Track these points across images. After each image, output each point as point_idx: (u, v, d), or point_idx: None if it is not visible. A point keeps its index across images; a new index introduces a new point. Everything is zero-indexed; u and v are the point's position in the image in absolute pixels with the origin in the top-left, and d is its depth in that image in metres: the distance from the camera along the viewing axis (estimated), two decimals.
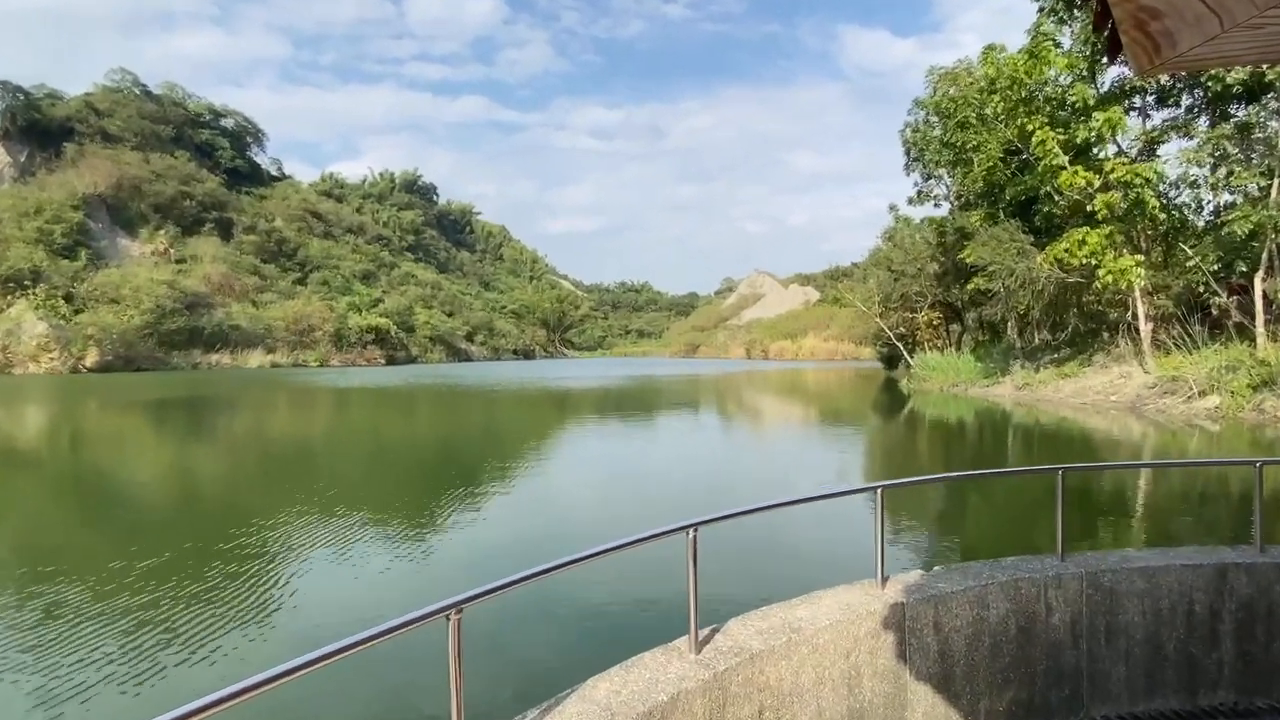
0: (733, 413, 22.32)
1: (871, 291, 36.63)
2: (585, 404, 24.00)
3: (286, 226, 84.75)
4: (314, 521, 7.59)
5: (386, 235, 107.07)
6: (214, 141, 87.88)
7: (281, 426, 18.16)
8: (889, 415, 21.00)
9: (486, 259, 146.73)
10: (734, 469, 11.81)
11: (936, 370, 29.12)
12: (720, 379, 41.76)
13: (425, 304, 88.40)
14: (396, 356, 69.99)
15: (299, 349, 62.04)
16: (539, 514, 8.35)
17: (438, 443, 14.71)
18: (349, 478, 10.36)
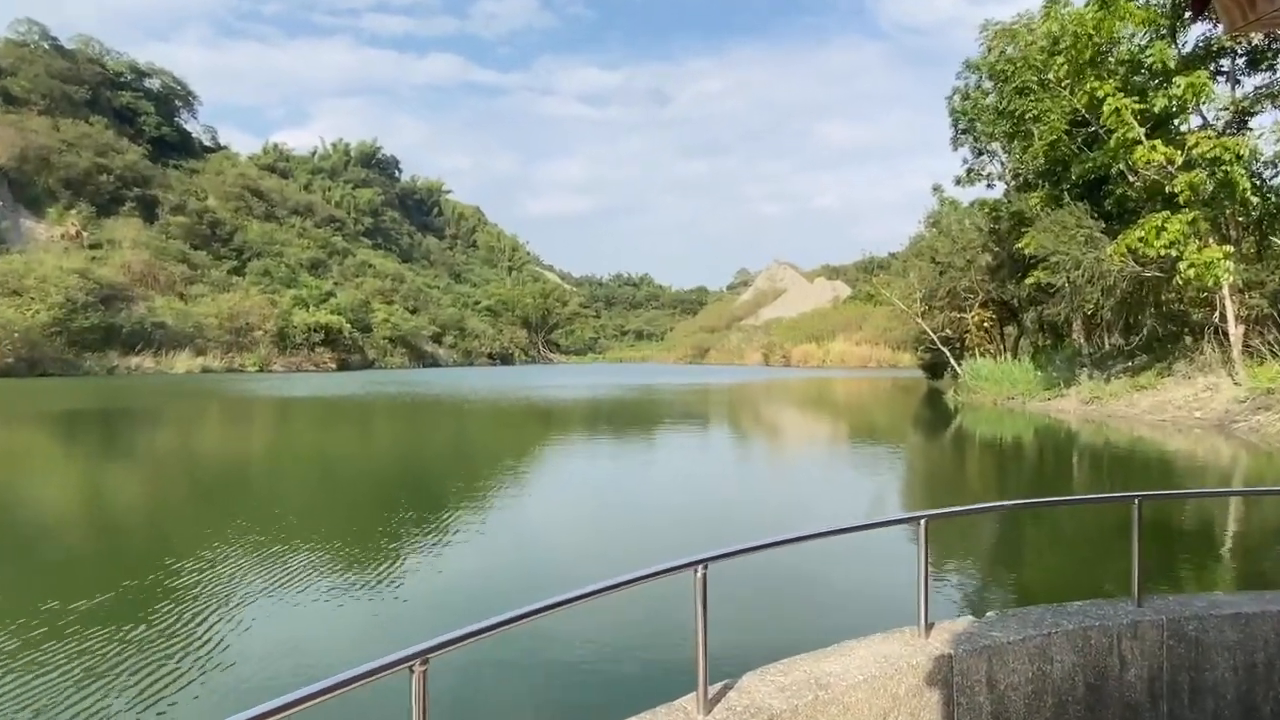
0: (748, 430, 22.34)
1: (912, 287, 36.75)
2: (573, 420, 24.02)
3: (221, 206, 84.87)
4: (252, 560, 7.58)
5: (339, 217, 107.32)
6: (136, 106, 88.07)
7: (214, 445, 18.14)
8: (932, 434, 21.04)
9: (457, 246, 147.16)
10: (750, 497, 11.82)
11: (988, 380, 29.19)
12: (733, 390, 41.83)
13: (385, 298, 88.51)
14: (350, 360, 70.01)
15: (235, 351, 62.02)
16: (519, 550, 8.34)
17: (399, 466, 14.72)
18: (293, 507, 10.35)
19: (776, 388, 43.84)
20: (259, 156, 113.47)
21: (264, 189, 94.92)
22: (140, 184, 76.63)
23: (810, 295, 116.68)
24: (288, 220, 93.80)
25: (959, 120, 33.39)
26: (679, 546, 8.28)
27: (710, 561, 2.66)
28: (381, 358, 77.56)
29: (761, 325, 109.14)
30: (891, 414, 28.52)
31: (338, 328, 69.09)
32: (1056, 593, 6.44)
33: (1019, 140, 26.85)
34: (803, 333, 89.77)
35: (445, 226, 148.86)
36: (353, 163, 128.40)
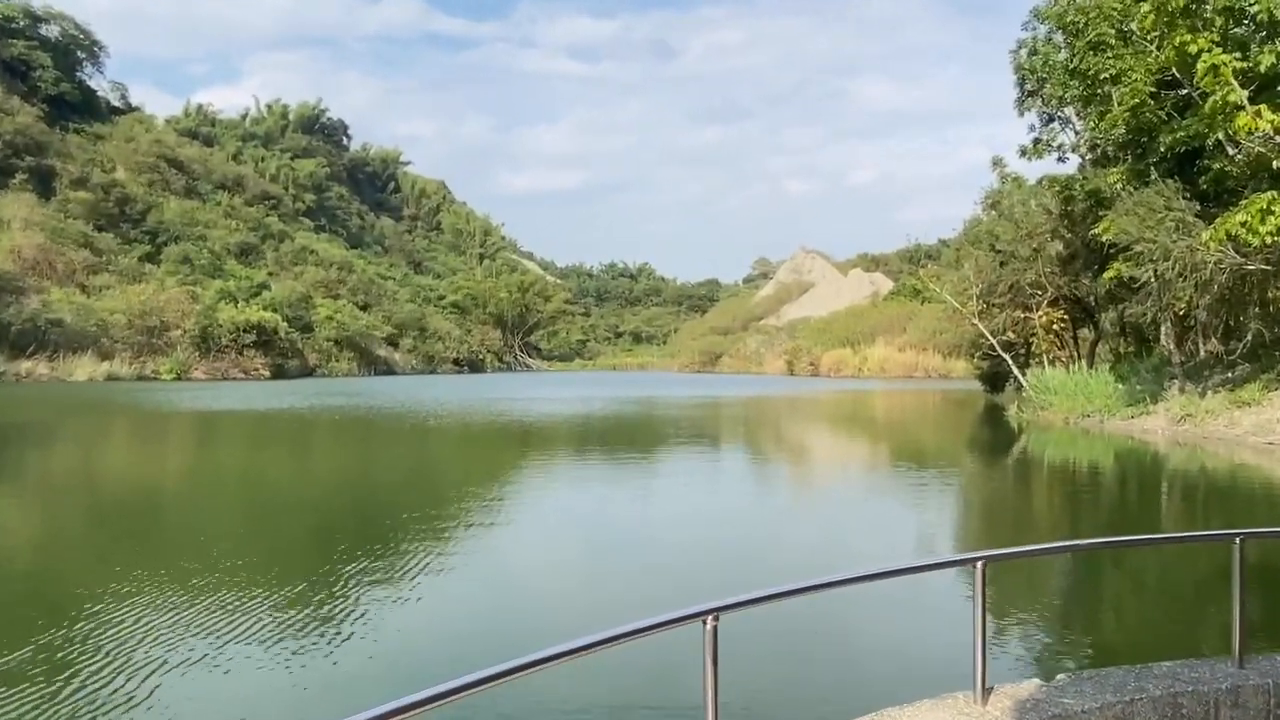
0: (768, 455, 22.37)
1: (967, 281, 36.84)
2: (557, 441, 24.04)
3: (132, 179, 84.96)
4: (154, 616, 7.57)
5: (275, 193, 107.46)
6: (30, 58, 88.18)
7: (118, 472, 18.14)
8: (991, 460, 21.08)
9: (418, 228, 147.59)
10: (771, 536, 11.84)
11: (1059, 394, 29.28)
12: (749, 405, 41.90)
13: (329, 292, 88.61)
14: (287, 366, 70.01)
15: (147, 355, 62.00)
16: (490, 600, 8.34)
17: (343, 498, 14.73)
18: (211, 553, 10.34)
19: (803, 403, 43.93)
20: (178, 120, 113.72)
21: (184, 159, 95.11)
22: (34, 152, 76.73)
23: (844, 290, 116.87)
24: (212, 197, 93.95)
25: (1025, 80, 33.48)
26: (685, 595, 8.28)
27: (721, 611, 2.66)
28: (325, 363, 77.56)
29: (785, 326, 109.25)
30: (941, 435, 28.56)
31: (272, 327, 69.05)
32: (1141, 651, 6.44)
33: (1095, 105, 26.93)
34: (834, 335, 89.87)
35: (403, 205, 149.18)
36: (291, 128, 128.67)
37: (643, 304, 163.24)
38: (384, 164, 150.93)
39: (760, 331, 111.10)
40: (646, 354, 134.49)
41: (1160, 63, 23.10)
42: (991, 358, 38.73)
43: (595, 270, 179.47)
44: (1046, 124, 34.47)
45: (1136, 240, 23.96)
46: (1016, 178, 37.00)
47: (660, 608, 2.63)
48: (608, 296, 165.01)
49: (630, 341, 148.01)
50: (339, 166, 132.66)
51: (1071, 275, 32.77)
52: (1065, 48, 29.16)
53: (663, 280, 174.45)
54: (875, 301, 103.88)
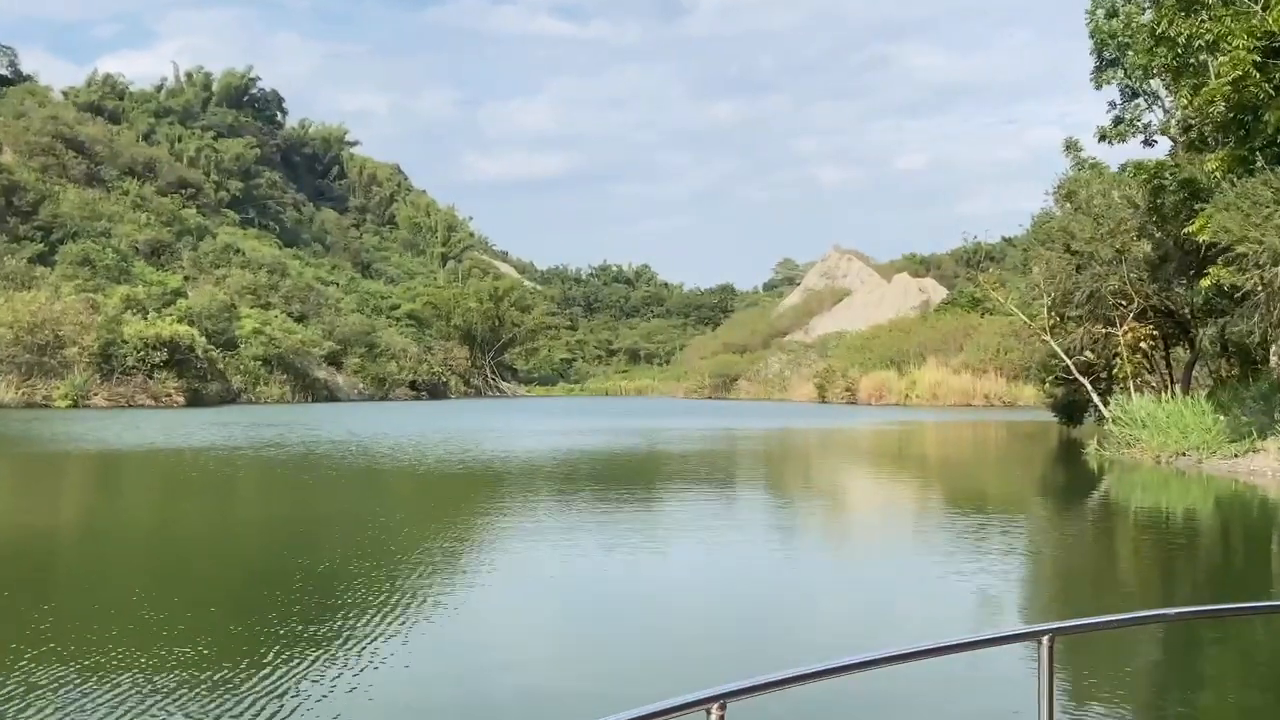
0: (794, 502, 22.39)
1: (1036, 288, 37.00)
2: (535, 485, 24.05)
3: (22, 164, 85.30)
4: (34, 699, 7.61)
5: (194, 180, 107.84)
6: None
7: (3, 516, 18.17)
8: (1065, 507, 21.12)
9: (367, 222, 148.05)
10: (797, 604, 11.86)
11: (1149, 427, 29.33)
12: (770, 441, 41.91)
13: (258, 300, 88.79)
14: (205, 391, 69.97)
15: (37, 376, 62.01)
16: (454, 683, 8.36)
17: (270, 555, 14.76)
18: (107, 619, 10.38)
19: (836, 439, 43.95)
20: (79, 91, 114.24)
21: (85, 139, 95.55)
22: None
23: (886, 299, 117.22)
24: (119, 184, 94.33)
25: (1104, 47, 33.81)
26: (690, 677, 8.29)
27: (730, 698, 2.70)
28: (251, 387, 77.53)
29: (814, 343, 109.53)
30: (1006, 477, 28.59)
31: (187, 343, 69.06)
32: None
33: (1188, 77, 27.17)
34: (875, 354, 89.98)
35: (349, 194, 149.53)
36: (215, 101, 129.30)
37: (641, 315, 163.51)
38: (326, 144, 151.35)
39: (785, 349, 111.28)
40: (646, 376, 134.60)
41: (1267, 26, 23.34)
42: (1066, 382, 38.80)
43: (584, 274, 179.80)
44: (1129, 100, 34.76)
45: (1239, 240, 24.08)
46: (1095, 164, 37.24)
47: (659, 692, 2.68)
48: (599, 306, 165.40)
49: (626, 361, 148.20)
50: (271, 147, 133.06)
51: (1162, 282, 32.87)
52: (1150, 7, 29.45)
53: (666, 287, 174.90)
54: (925, 313, 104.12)
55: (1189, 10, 25.66)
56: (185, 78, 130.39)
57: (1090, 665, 8.58)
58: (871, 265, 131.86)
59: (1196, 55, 25.98)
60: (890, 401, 79.91)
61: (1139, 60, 30.50)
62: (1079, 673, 8.29)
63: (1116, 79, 34.06)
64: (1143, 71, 31.26)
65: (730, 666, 8.82)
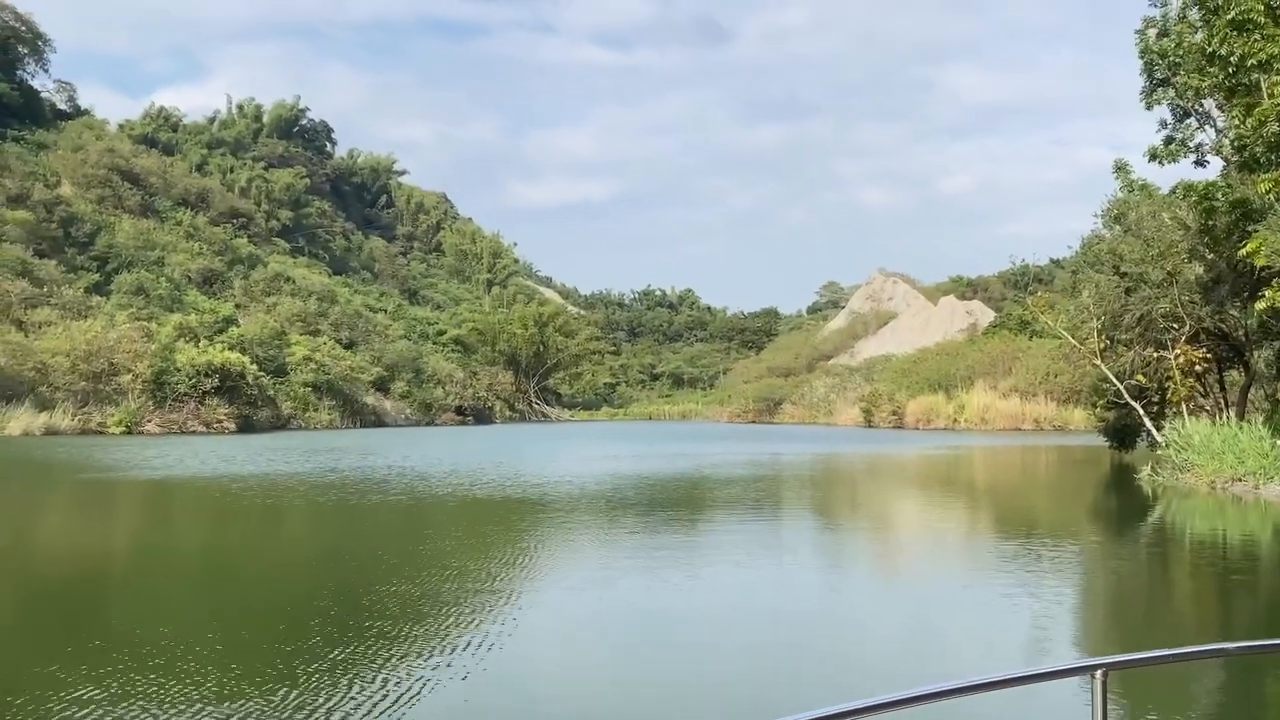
0: (840, 530, 22.24)
1: (1086, 311, 36.59)
2: (579, 513, 24.08)
3: (79, 196, 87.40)
4: None
5: (246, 210, 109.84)
6: None
7: (59, 567, 18.49)
8: (1118, 535, 20.78)
9: (414, 250, 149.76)
10: (843, 634, 11.76)
11: (1203, 452, 28.80)
12: (817, 467, 41.65)
13: (307, 327, 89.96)
14: (256, 418, 70.85)
15: (93, 404, 63.11)
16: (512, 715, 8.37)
17: (325, 586, 14.88)
18: (167, 659, 10.50)
19: (885, 465, 43.57)
20: (135, 124, 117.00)
21: (140, 171, 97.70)
22: None
23: (933, 322, 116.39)
24: (172, 215, 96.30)
25: (1154, 66, 33.47)
26: (738, 706, 8.25)
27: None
28: (300, 413, 78.41)
29: (860, 366, 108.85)
30: (1057, 503, 28.20)
31: (239, 370, 69.97)
32: None
33: (1240, 97, 26.84)
34: (922, 378, 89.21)
35: (396, 222, 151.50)
36: (266, 132, 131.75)
37: (684, 339, 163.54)
38: (374, 174, 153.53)
39: (830, 373, 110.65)
40: (689, 400, 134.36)
41: None
42: (1118, 406, 38.21)
43: (627, 299, 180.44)
44: (1181, 120, 34.32)
45: None
46: (1145, 185, 36.80)
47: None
48: (642, 330, 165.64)
49: (669, 385, 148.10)
50: (320, 177, 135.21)
51: (1215, 304, 32.37)
52: (1202, 27, 29.12)
53: (709, 310, 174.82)
54: (973, 336, 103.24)
55: (1241, 30, 25.39)
56: (237, 110, 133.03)
57: (1145, 701, 8.42)
58: (917, 288, 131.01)
59: (1249, 75, 25.68)
60: (938, 426, 79.12)
61: (1191, 80, 30.17)
62: (1133, 709, 8.14)
63: (1167, 99, 33.67)
64: (1194, 91, 30.90)
65: (776, 695, 8.77)
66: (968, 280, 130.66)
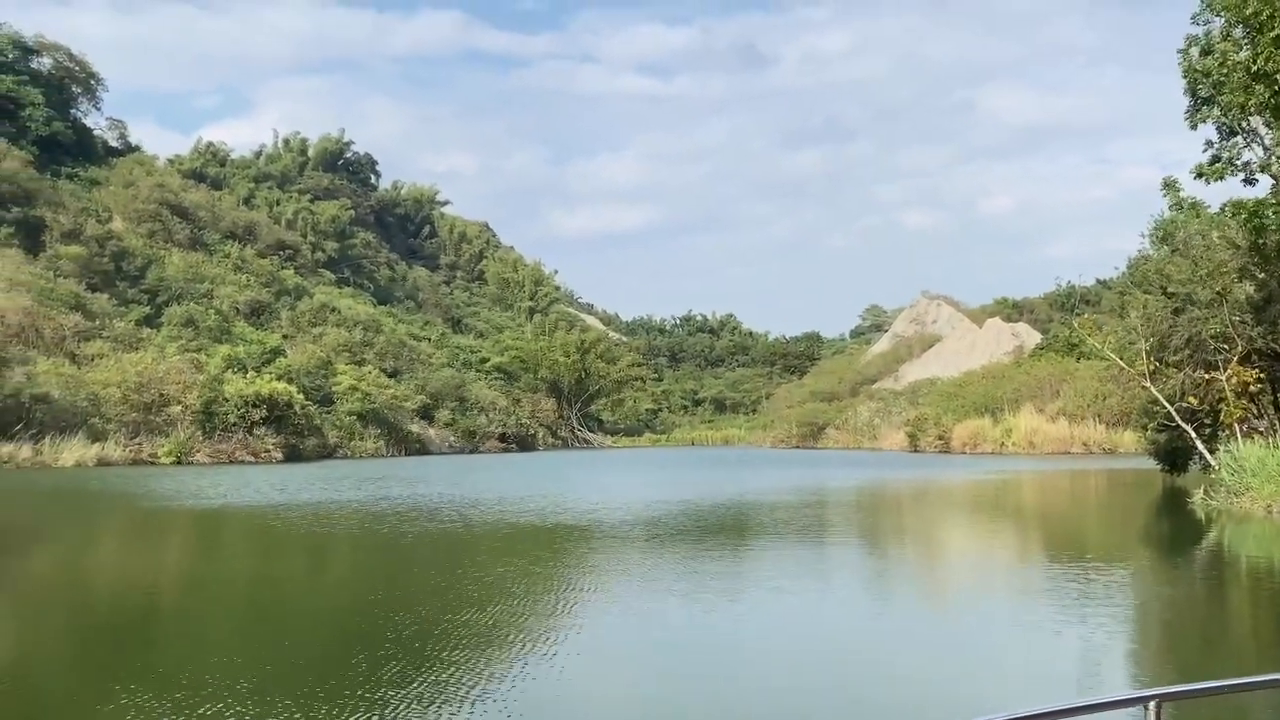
0: (891, 556, 22.08)
1: (1134, 332, 36.16)
2: (636, 538, 24.10)
3: (130, 230, 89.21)
4: None
5: (292, 242, 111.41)
6: (19, 95, 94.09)
7: (114, 577, 18.79)
8: (1171, 561, 20.44)
9: (457, 279, 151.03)
10: (893, 660, 11.67)
11: (1259, 475, 28.26)
12: (865, 493, 41.36)
13: (353, 357, 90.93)
14: (303, 447, 71.57)
15: (143, 435, 64.08)
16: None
17: (375, 617, 15.01)
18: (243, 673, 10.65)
19: (934, 490, 43.17)
20: (184, 160, 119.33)
21: (189, 205, 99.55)
22: (21, 201, 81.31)
23: (978, 345, 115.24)
24: (220, 248, 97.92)
25: (1198, 85, 33.14)
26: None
27: None
28: (346, 441, 79.12)
29: (905, 390, 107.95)
30: (1107, 527, 27.79)
31: (286, 400, 70.76)
32: None
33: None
34: (968, 401, 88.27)
35: (440, 252, 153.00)
36: (311, 165, 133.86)
37: (726, 365, 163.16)
38: (417, 204, 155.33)
39: (874, 397, 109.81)
40: (732, 426, 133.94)
41: None
42: (1169, 429, 37.63)
43: (668, 325, 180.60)
44: (1227, 138, 33.89)
45: None
46: (1193, 204, 36.35)
47: None
48: (684, 356, 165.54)
49: (711, 410, 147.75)
50: (365, 209, 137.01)
51: (1267, 324, 31.89)
52: (1246, 45, 28.83)
53: (751, 335, 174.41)
54: (1019, 358, 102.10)
55: None
56: (283, 144, 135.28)
57: None
58: (962, 310, 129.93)
59: None
60: (985, 450, 78.24)
61: (1236, 98, 29.83)
62: None
63: (1212, 117, 33.29)
64: (1240, 109, 30.55)
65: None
66: (1013, 302, 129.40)
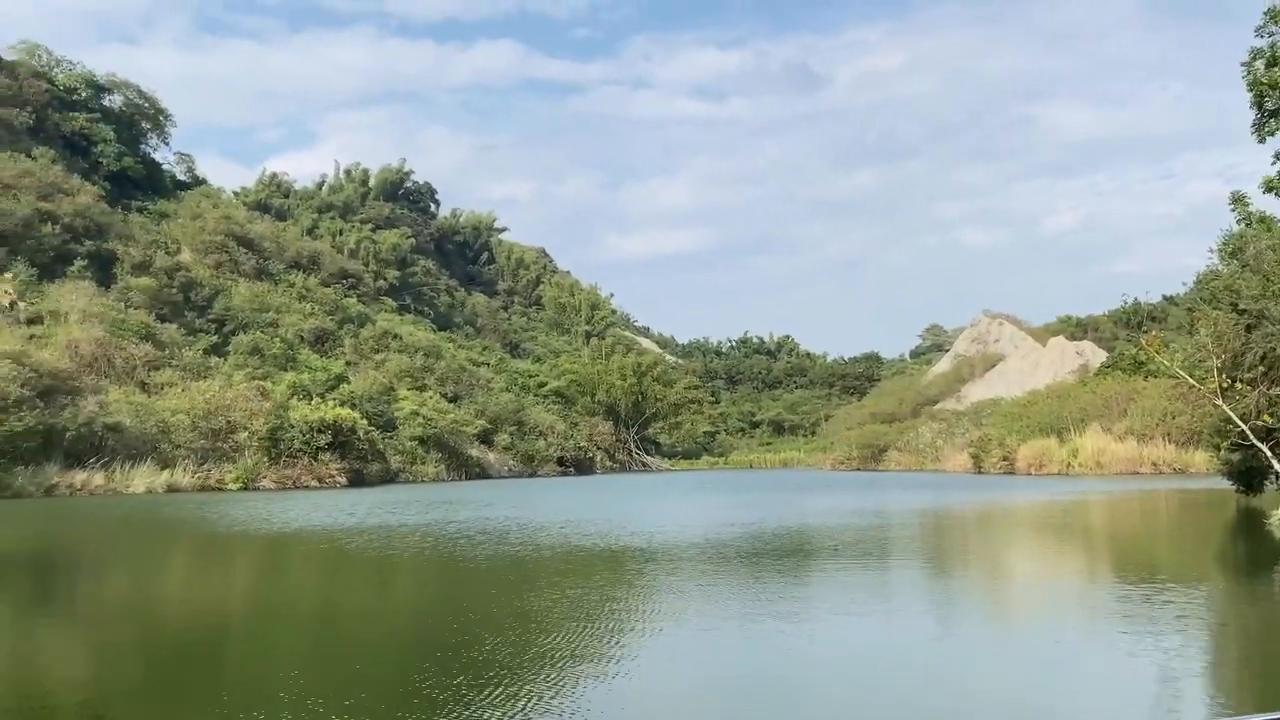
0: (966, 581, 21.76)
1: (1203, 349, 35.37)
2: (698, 561, 24.03)
3: (198, 261, 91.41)
4: None
5: (354, 271, 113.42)
6: (92, 131, 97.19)
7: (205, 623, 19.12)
8: (1247, 584, 19.87)
9: (514, 304, 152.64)
10: (959, 687, 11.50)
11: None
12: (925, 514, 40.85)
13: (414, 382, 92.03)
14: (366, 471, 72.44)
15: (212, 461, 65.25)
16: None
17: (457, 638, 15.08)
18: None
19: (996, 515, 42.54)
20: (249, 192, 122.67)
21: (254, 236, 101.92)
22: (94, 235, 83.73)
23: (1042, 364, 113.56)
24: (285, 277, 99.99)
25: (1264, 97, 32.54)
26: None
27: None
28: (408, 466, 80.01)
29: (968, 410, 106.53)
30: (1180, 549, 27.12)
31: (350, 425, 71.75)
32: None
33: None
34: (1033, 422, 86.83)
35: (498, 278, 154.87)
36: (373, 195, 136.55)
37: (784, 386, 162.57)
38: (476, 231, 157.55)
39: (936, 418, 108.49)
40: (790, 448, 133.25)
41: None
42: (1243, 447, 36.70)
43: (725, 347, 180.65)
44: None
45: None
46: (1264, 218, 35.59)
47: None
48: (741, 378, 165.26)
49: (770, 433, 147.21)
50: (425, 237, 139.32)
51: None
52: None
53: (808, 357, 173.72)
54: (1084, 377, 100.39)
55: None
56: (345, 174, 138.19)
57: None
58: (1024, 329, 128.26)
59: None
60: (1050, 471, 76.87)
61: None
62: None
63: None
64: None
65: None
66: (1077, 320, 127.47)
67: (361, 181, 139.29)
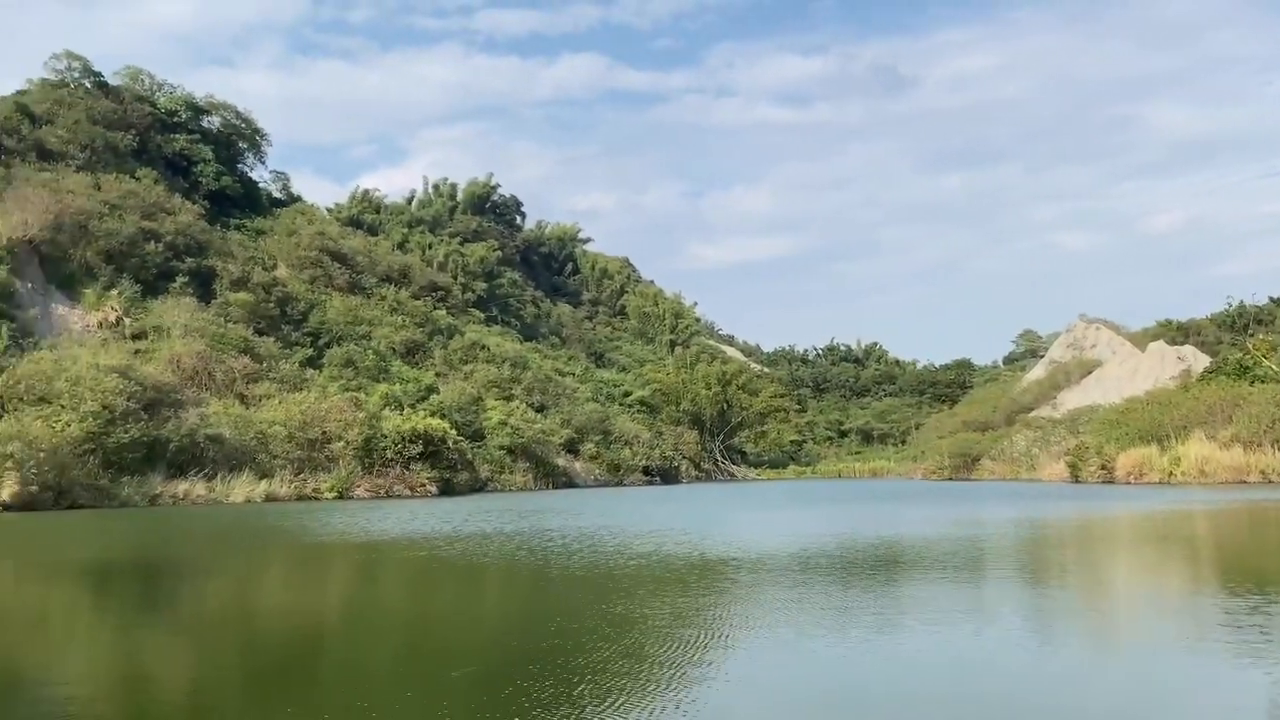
0: (1056, 601, 21.23)
1: None
2: (789, 574, 23.84)
3: (293, 276, 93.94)
4: None
5: (443, 283, 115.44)
6: (192, 152, 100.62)
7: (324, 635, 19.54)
8: None
9: (599, 314, 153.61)
10: (1060, 705, 11.20)
11: None
12: (1021, 524, 39.93)
13: (502, 392, 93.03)
14: (456, 480, 73.46)
15: (307, 471, 66.80)
16: None
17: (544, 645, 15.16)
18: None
19: (1098, 524, 41.42)
20: (341, 208, 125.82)
21: (347, 251, 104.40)
22: (194, 252, 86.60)
23: (1141, 369, 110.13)
24: (377, 291, 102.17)
25: None
26: None
27: None
28: (496, 475, 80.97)
29: (1064, 418, 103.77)
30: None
31: (440, 435, 72.86)
32: None
33: None
34: (1133, 429, 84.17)
35: (582, 288, 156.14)
36: (461, 209, 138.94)
37: (873, 394, 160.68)
38: (560, 243, 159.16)
39: (1031, 426, 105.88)
40: (879, 457, 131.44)
41: None
42: None
43: (811, 355, 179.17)
44: None
45: None
46: None
47: None
48: (828, 386, 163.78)
49: (858, 442, 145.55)
50: (511, 249, 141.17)
51: None
52: None
53: (898, 364, 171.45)
54: (1186, 383, 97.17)
55: None
56: (433, 189, 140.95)
57: None
58: (1122, 334, 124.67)
59: None
60: (1151, 480, 74.46)
61: None
62: None
63: None
64: None
65: None
66: (1177, 324, 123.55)
67: (450, 196, 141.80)
